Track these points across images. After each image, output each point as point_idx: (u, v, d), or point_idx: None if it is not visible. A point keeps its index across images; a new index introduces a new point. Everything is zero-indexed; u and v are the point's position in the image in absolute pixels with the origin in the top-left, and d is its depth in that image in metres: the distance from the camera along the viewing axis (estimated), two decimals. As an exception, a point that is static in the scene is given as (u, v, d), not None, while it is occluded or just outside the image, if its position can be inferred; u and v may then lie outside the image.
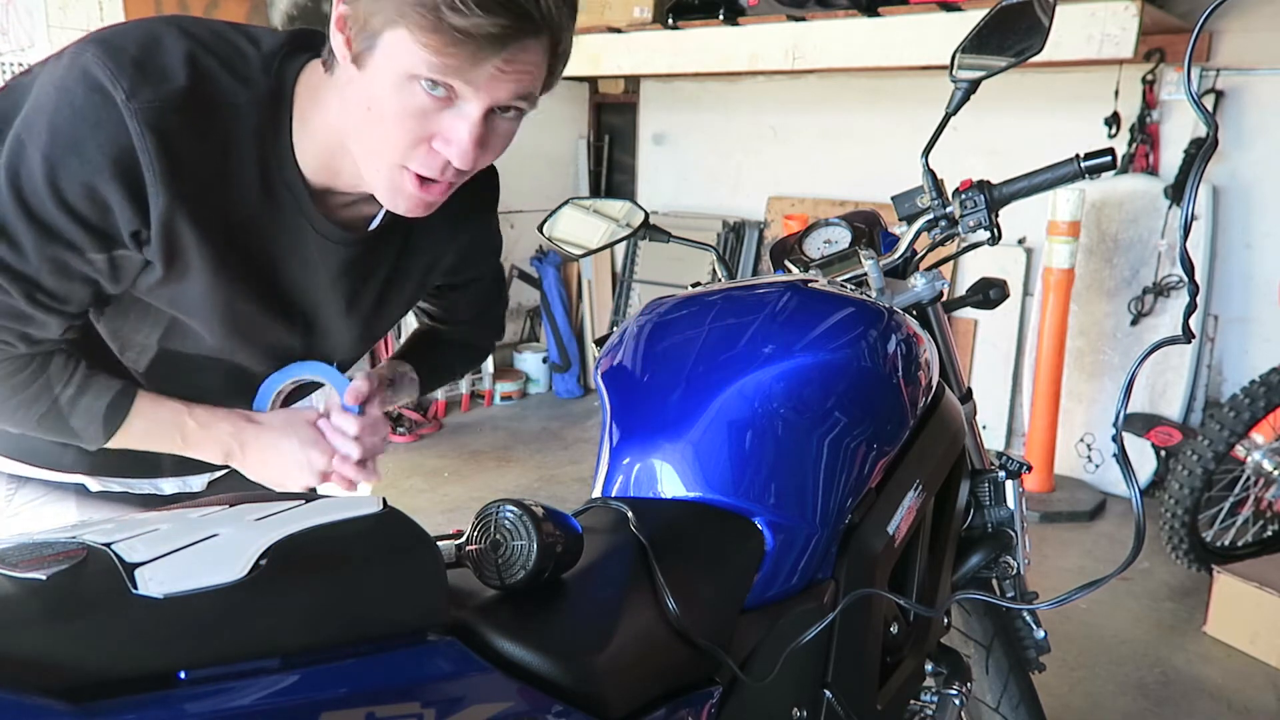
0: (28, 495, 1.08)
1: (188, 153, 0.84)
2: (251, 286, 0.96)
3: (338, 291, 1.04)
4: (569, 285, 5.00)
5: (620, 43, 4.10)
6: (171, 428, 1.00)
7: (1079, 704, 2.32)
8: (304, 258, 0.99)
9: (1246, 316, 3.51)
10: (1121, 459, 0.79)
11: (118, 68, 0.80)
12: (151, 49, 0.83)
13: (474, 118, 0.83)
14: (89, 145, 0.80)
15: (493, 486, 3.68)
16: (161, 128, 0.81)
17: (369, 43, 0.82)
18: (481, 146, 0.86)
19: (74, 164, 0.81)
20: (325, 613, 0.58)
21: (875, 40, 3.43)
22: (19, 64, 3.20)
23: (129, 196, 0.83)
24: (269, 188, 0.92)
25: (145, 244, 0.87)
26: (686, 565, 0.85)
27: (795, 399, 0.97)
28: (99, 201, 0.83)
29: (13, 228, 0.83)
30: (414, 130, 0.84)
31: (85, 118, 0.80)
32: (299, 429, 1.05)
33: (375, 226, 1.02)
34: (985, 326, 3.98)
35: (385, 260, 1.07)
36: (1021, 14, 1.12)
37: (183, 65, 0.83)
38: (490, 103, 0.83)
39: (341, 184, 0.95)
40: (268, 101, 0.89)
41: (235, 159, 0.89)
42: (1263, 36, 3.30)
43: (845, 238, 1.34)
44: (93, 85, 0.80)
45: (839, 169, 4.35)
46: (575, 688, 0.67)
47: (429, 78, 0.80)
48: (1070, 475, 3.73)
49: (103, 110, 0.80)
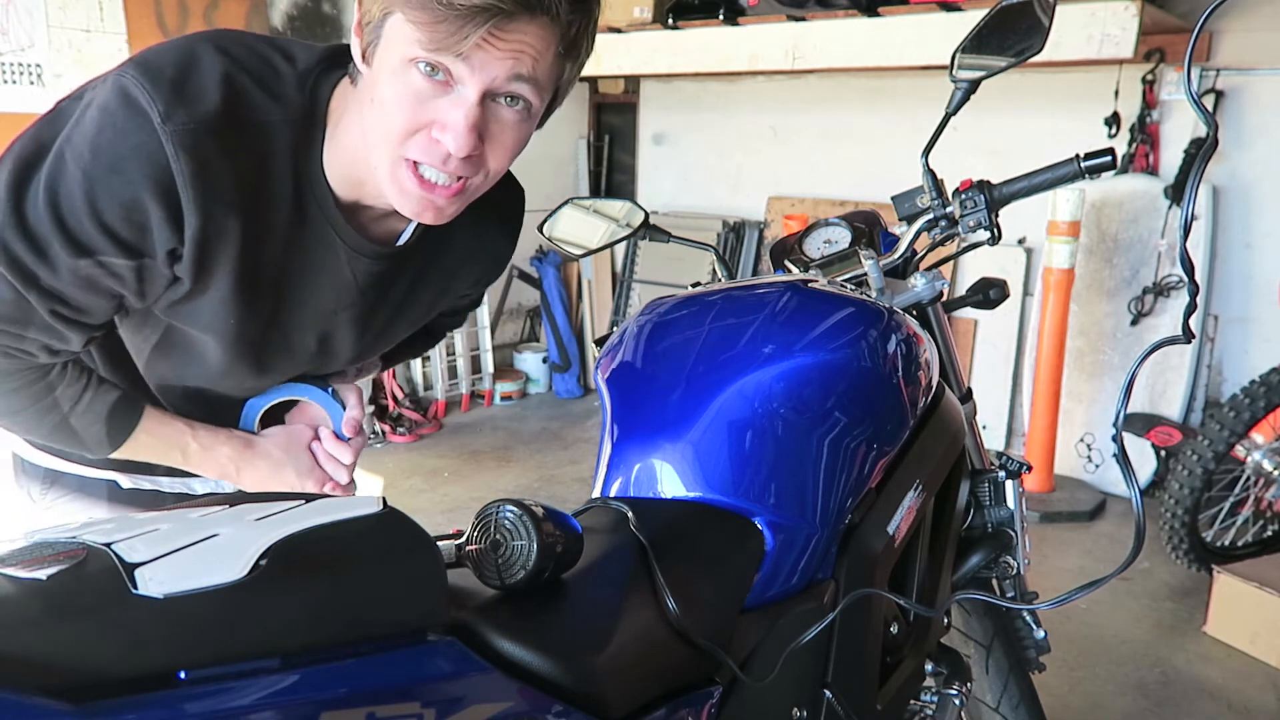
0: (61, 490, 1.11)
1: (222, 173, 0.85)
2: (275, 303, 0.98)
3: (358, 307, 1.05)
4: (569, 285, 5.00)
5: (620, 43, 4.10)
6: (174, 446, 1.04)
7: (1079, 704, 2.32)
8: (333, 273, 1.00)
9: (1246, 316, 3.51)
10: (1121, 459, 0.79)
11: (154, 89, 0.82)
12: (188, 70, 0.84)
13: (470, 100, 0.83)
14: (129, 166, 0.82)
15: (493, 486, 3.68)
16: (196, 149, 0.83)
17: (374, 35, 0.83)
18: (481, 135, 0.85)
19: (115, 183, 0.82)
20: (325, 613, 0.58)
21: (875, 40, 3.43)
22: (19, 64, 3.20)
23: (167, 216, 0.84)
24: (301, 204, 0.94)
25: (178, 261, 0.89)
26: (686, 565, 0.85)
27: (795, 399, 0.97)
28: (137, 221, 0.84)
29: (47, 244, 0.84)
30: (412, 116, 0.84)
31: (125, 138, 0.82)
32: (297, 457, 1.09)
33: (403, 242, 1.03)
34: (985, 326, 3.98)
35: (405, 277, 1.07)
36: (1021, 14, 1.12)
37: (218, 86, 0.85)
38: (485, 84, 0.82)
39: (368, 196, 0.96)
40: (301, 119, 0.90)
41: (269, 177, 0.90)
42: (1263, 36, 3.30)
43: (845, 238, 1.34)
44: (131, 107, 0.82)
45: (839, 169, 4.35)
46: (575, 688, 0.67)
47: (423, 59, 0.81)
48: (1070, 475, 3.73)
49: (141, 132, 0.82)
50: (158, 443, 1.02)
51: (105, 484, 1.10)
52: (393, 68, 0.83)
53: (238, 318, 0.95)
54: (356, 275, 1.01)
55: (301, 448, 1.10)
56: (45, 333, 0.90)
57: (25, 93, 3.22)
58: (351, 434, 1.11)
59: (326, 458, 1.12)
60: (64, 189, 0.82)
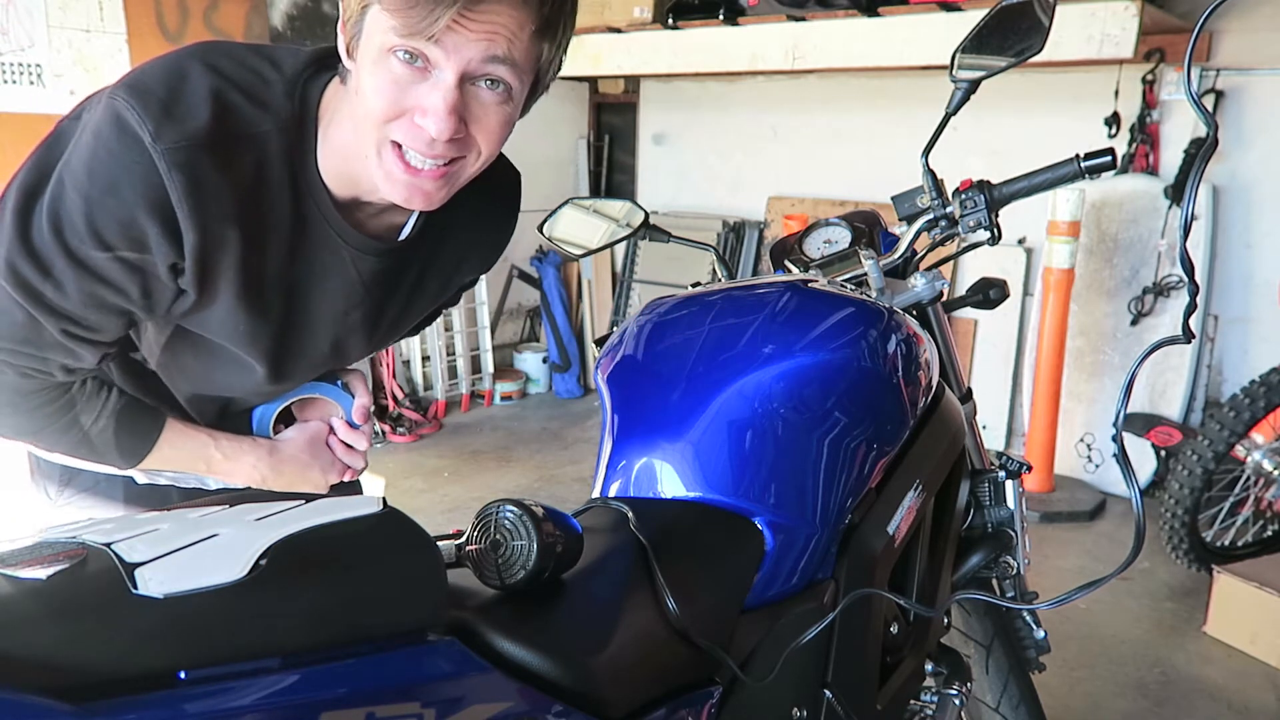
0: (78, 487, 1.13)
1: (217, 187, 0.87)
2: (285, 310, 0.99)
3: (366, 306, 1.06)
4: (569, 285, 5.00)
5: (620, 43, 4.10)
6: (197, 458, 1.07)
7: (1079, 704, 2.32)
8: (339, 275, 1.01)
9: (1246, 316, 3.51)
10: (1121, 459, 0.79)
11: (144, 110, 0.83)
12: (177, 89, 0.86)
13: (448, 83, 0.84)
14: (124, 187, 0.84)
15: (493, 486, 3.68)
16: (188, 166, 0.84)
17: (356, 29, 0.86)
18: (463, 119, 0.86)
19: (111, 205, 0.85)
20: (325, 613, 0.58)
21: (875, 40, 3.43)
22: (19, 64, 3.20)
23: (165, 233, 0.86)
24: (300, 210, 0.95)
25: (181, 274, 0.91)
26: (686, 565, 0.85)
27: (795, 399, 0.97)
28: (136, 239, 0.86)
29: (54, 267, 0.87)
30: (394, 102, 0.85)
31: (119, 161, 0.84)
32: (320, 454, 1.14)
33: (405, 236, 1.04)
34: (985, 326, 3.98)
35: (411, 271, 1.08)
36: (1021, 14, 1.12)
37: (207, 102, 0.86)
38: (461, 66, 0.83)
39: (364, 192, 0.96)
40: (292, 126, 0.92)
41: (265, 187, 0.91)
42: (1263, 36, 3.30)
43: (845, 238, 1.34)
44: (123, 129, 0.83)
45: (839, 169, 4.35)
46: (575, 688, 0.67)
47: (400, 46, 0.82)
48: (1070, 475, 3.73)
49: (132, 153, 0.84)
50: (180, 455, 1.05)
51: (121, 480, 1.12)
52: (373, 58, 0.84)
53: (248, 326, 0.97)
54: (362, 274, 1.02)
55: (322, 445, 1.14)
56: (59, 351, 0.92)
57: (25, 93, 3.22)
58: (363, 421, 1.15)
59: (344, 449, 1.16)
60: (65, 213, 0.85)
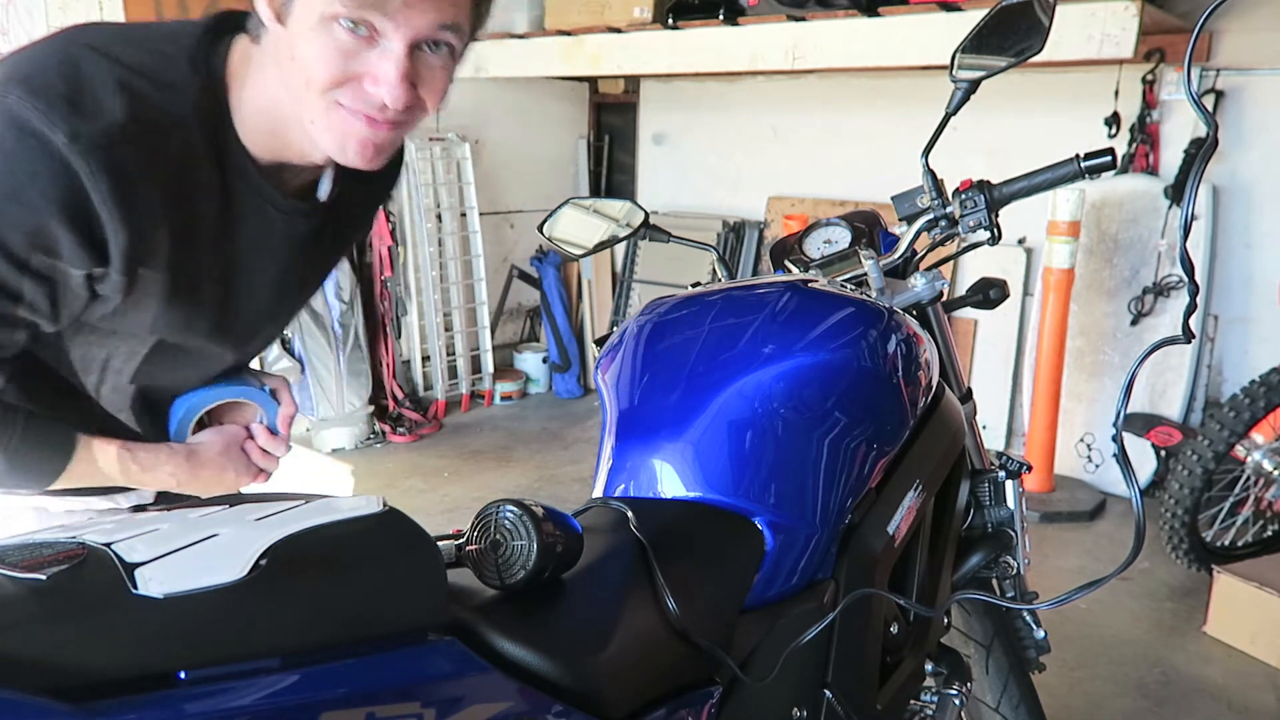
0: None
1: (143, 182, 0.82)
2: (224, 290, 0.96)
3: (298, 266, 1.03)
4: (569, 285, 5.00)
5: (620, 43, 4.10)
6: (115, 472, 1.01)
7: (1079, 704, 2.32)
8: (271, 241, 0.98)
9: (1246, 316, 3.51)
10: (1121, 459, 0.79)
11: (49, 109, 0.76)
12: (77, 82, 0.79)
13: (398, 53, 0.82)
14: (29, 193, 0.77)
15: (493, 486, 3.68)
16: (114, 165, 0.79)
17: None
18: (413, 84, 0.85)
19: (15, 213, 0.77)
20: (325, 613, 0.58)
21: (875, 40, 3.43)
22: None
23: (81, 240, 0.80)
24: (226, 185, 0.91)
25: (99, 281, 0.85)
26: (686, 565, 0.85)
27: (795, 399, 0.97)
28: (45, 247, 0.80)
29: None
30: (340, 69, 0.82)
31: (21, 165, 0.76)
32: (235, 461, 1.10)
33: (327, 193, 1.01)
34: (985, 326, 3.98)
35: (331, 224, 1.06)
36: (1021, 14, 1.12)
37: (115, 94, 0.80)
38: (412, 35, 0.82)
39: (293, 155, 0.93)
40: (204, 98, 0.87)
41: (190, 170, 0.87)
42: (1263, 36, 3.30)
43: (845, 238, 1.35)
44: (25, 130, 0.76)
45: (839, 169, 4.35)
46: (575, 688, 0.67)
47: (346, 15, 0.79)
48: (1070, 475, 3.73)
49: (40, 156, 0.76)
50: (95, 470, 0.99)
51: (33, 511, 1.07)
52: (312, 25, 0.81)
53: (182, 317, 0.94)
54: (293, 237, 0.99)
55: (238, 449, 1.11)
56: None
57: (25, 93, 3.22)
58: (285, 429, 1.12)
59: (261, 454, 1.12)
60: None
